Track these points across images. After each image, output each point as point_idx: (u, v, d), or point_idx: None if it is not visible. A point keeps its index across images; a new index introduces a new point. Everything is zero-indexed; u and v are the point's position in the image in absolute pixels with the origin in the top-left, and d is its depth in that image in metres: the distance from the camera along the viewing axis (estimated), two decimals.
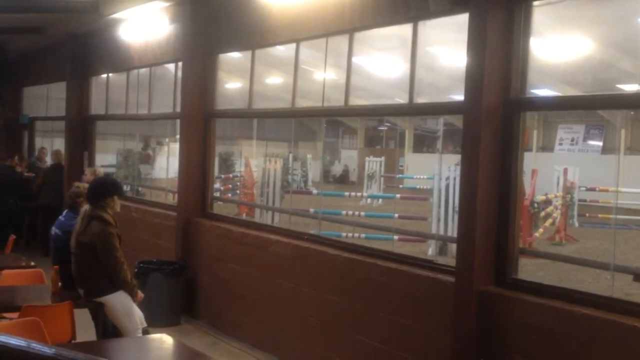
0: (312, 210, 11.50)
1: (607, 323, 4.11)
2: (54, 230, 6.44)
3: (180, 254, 8.37)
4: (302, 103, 7.54)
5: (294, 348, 6.66)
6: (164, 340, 5.39)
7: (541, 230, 15.38)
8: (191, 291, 8.17)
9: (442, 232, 11.84)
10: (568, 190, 17.10)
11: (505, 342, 4.67)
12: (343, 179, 35.10)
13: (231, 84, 9.87)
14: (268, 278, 7.07)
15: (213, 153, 8.70)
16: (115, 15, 9.63)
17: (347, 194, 17.40)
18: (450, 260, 6.36)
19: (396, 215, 14.11)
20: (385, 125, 36.17)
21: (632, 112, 27.19)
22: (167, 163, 12.16)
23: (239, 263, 7.54)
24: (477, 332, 4.79)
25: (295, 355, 6.61)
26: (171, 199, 10.71)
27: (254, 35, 7.75)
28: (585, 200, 19.24)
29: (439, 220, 12.30)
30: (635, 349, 3.95)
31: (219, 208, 10.38)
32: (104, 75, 11.87)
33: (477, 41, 4.85)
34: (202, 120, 8.50)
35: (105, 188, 5.97)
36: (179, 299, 8.02)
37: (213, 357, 5.36)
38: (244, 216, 14.77)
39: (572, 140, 29.38)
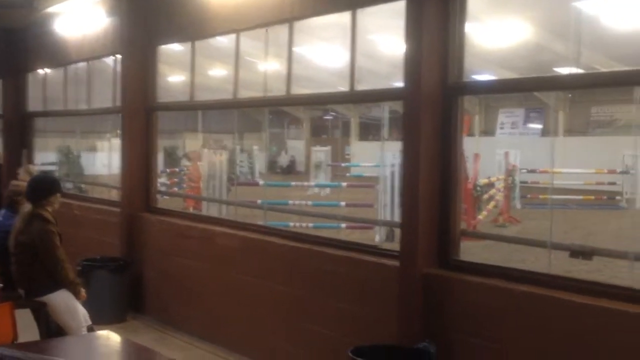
0: (259, 201, 11.49)
1: (545, 299, 4.23)
2: None
3: (125, 250, 8.26)
4: (246, 94, 7.52)
5: (243, 339, 6.65)
6: (110, 337, 5.31)
7: (485, 212, 15.69)
8: (137, 287, 8.08)
9: (389, 218, 11.97)
10: (510, 172, 17.48)
11: (450, 322, 4.75)
12: (290, 170, 35.15)
13: (174, 77, 9.76)
14: (215, 270, 7.04)
15: (156, 147, 8.59)
16: (51, 9, 9.40)
17: (293, 184, 17.45)
18: (396, 245, 6.44)
19: (343, 203, 14.23)
20: (331, 114, 36.32)
21: (569, 95, 27.91)
22: (109, 158, 11.96)
23: (185, 256, 7.49)
24: (423, 313, 4.86)
25: (245, 346, 6.60)
26: (115, 195, 10.54)
27: (193, 26, 7.67)
28: (526, 182, 19.70)
29: (385, 206, 12.44)
30: (572, 322, 4.08)
31: (165, 203, 10.27)
32: (41, 71, 11.59)
33: (414, 27, 4.91)
34: (143, 114, 8.38)
35: (47, 186, 5.88)
36: (125, 295, 7.91)
37: (161, 352, 5.32)
38: (191, 210, 14.66)
39: (513, 124, 30.02)
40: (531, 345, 4.27)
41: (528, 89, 6.91)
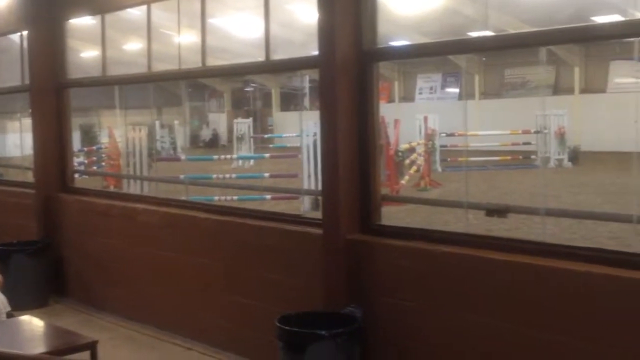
0: (182, 176, 11.34)
1: (464, 257, 4.36)
2: None
3: (43, 233, 8.02)
4: (161, 67, 7.36)
5: (171, 315, 6.60)
6: (33, 322, 5.20)
7: (407, 177, 15.95)
8: (58, 270, 7.88)
9: (313, 188, 12.02)
10: (429, 137, 17.78)
11: (374, 285, 4.84)
12: (213, 143, 34.73)
13: (88, 53, 9.47)
14: (139, 248, 6.94)
15: (70, 125, 8.33)
16: None
17: (216, 157, 17.29)
18: (321, 214, 6.50)
19: (267, 174, 14.21)
20: (251, 86, 36.03)
21: (483, 59, 28.52)
22: (22, 139, 11.55)
23: (106, 236, 7.34)
24: (347, 279, 4.93)
25: (172, 322, 6.55)
26: (30, 177, 10.21)
27: None
28: (446, 146, 20.11)
29: (309, 176, 12.48)
30: (490, 278, 4.22)
31: (85, 182, 10.01)
32: None
33: None
34: (54, 92, 8.11)
35: None
36: (46, 279, 7.71)
37: (86, 334, 5.23)
38: (111, 188, 14.36)
39: (431, 88, 30.54)
40: (453, 303, 4.40)
41: (441, 53, 7.03)
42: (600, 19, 4.52)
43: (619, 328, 3.70)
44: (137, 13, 7.75)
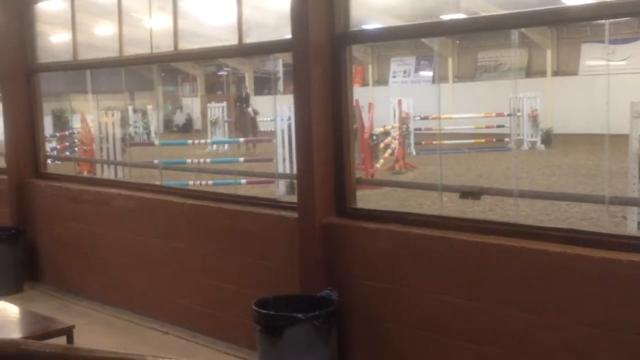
0: (156, 161, 11.29)
1: (437, 239, 4.40)
2: None
3: (16, 219, 7.95)
4: (133, 51, 7.30)
5: (146, 299, 6.59)
6: (7, 307, 5.18)
7: (382, 161, 16.01)
8: (32, 256, 7.82)
9: (288, 172, 12.03)
10: (404, 120, 17.82)
11: (350, 268, 4.88)
12: (187, 128, 34.49)
13: (58, 37, 9.35)
14: (113, 233, 6.91)
15: (41, 110, 8.24)
16: None
17: (190, 141, 17.21)
18: (295, 197, 6.51)
19: (241, 159, 14.19)
20: (225, 70, 35.79)
21: (457, 42, 28.61)
22: None
23: (80, 221, 7.29)
24: (324, 262, 4.96)
25: (147, 307, 6.55)
26: (3, 163, 10.09)
27: None
28: (420, 129, 20.19)
29: (284, 160, 12.48)
30: (463, 260, 4.27)
31: (58, 168, 9.90)
32: None
33: None
34: (24, 76, 8.00)
35: None
36: (20, 264, 7.64)
37: (62, 319, 5.22)
38: (85, 174, 14.26)
39: (405, 72, 30.56)
40: (427, 284, 4.45)
41: (414, 36, 7.04)
42: (571, 1, 4.55)
43: (593, 306, 3.77)
44: None
